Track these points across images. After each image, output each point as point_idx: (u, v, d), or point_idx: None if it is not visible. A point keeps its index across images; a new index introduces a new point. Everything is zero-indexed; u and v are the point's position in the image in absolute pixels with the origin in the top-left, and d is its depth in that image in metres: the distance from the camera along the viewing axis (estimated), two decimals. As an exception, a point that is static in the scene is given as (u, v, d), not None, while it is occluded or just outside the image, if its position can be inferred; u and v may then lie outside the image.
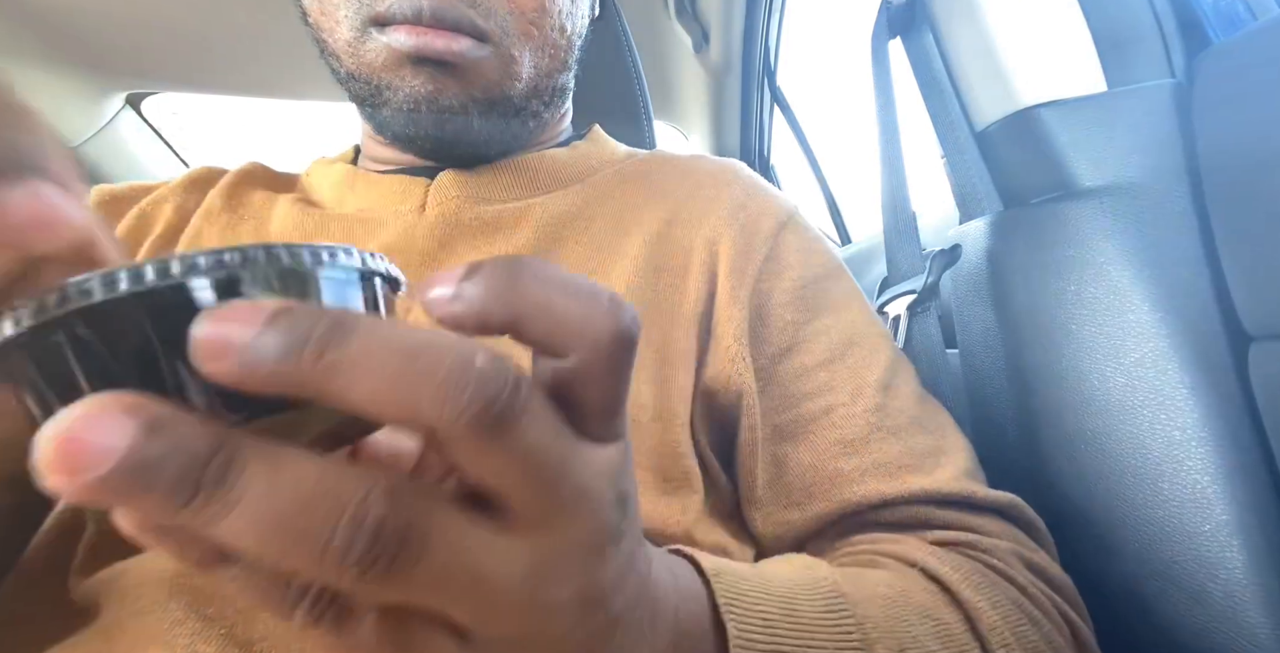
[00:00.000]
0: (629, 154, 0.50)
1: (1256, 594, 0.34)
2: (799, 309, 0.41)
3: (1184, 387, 0.37)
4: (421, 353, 0.12)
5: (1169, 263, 0.39)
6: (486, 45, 0.38)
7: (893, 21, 0.55)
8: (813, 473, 0.37)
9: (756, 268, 0.41)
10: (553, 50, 0.42)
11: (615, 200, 0.44)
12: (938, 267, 0.51)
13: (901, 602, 0.27)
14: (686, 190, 0.45)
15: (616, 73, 0.75)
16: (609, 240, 0.41)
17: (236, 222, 0.42)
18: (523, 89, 0.41)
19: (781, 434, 0.38)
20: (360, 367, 0.12)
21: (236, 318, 0.12)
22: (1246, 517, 0.35)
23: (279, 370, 0.12)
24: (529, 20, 0.40)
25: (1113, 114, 0.42)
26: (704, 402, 0.39)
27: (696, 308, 0.39)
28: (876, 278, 0.60)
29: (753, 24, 1.11)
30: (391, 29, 0.37)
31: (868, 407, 0.38)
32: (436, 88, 0.38)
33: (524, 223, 0.41)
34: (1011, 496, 0.36)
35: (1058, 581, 0.34)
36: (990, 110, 0.47)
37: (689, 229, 0.42)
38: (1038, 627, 0.30)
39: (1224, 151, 0.38)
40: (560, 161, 0.46)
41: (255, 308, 0.12)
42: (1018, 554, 0.33)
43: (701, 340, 0.39)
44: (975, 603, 0.29)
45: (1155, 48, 0.44)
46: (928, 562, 0.31)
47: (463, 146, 0.41)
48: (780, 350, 0.40)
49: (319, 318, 0.12)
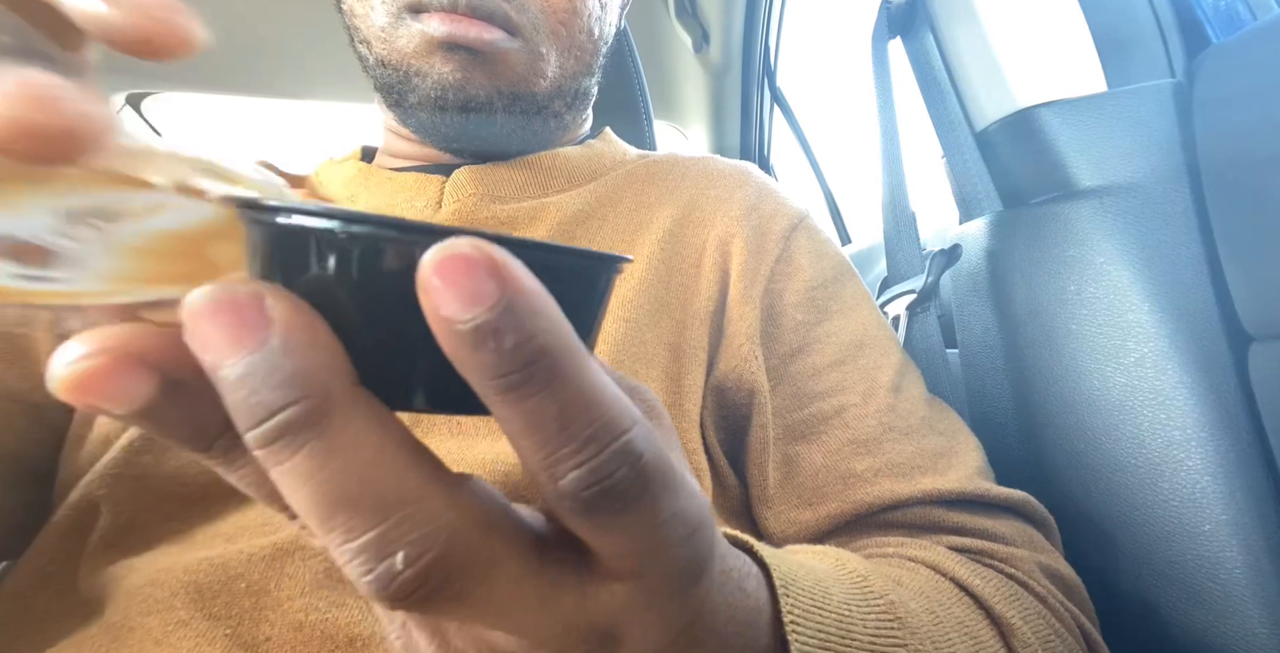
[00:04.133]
0: (641, 155, 0.51)
1: (1255, 594, 0.34)
2: (810, 311, 0.42)
3: (1184, 387, 0.37)
4: (575, 418, 0.12)
5: (1169, 263, 0.39)
6: (517, 39, 0.39)
7: (893, 22, 0.55)
8: (825, 473, 0.37)
9: (769, 269, 0.42)
10: (579, 53, 0.43)
11: (628, 200, 0.44)
12: (937, 267, 0.51)
13: (944, 616, 0.27)
14: (699, 191, 0.45)
15: (616, 73, 0.75)
16: (622, 239, 0.42)
17: None
18: (547, 87, 0.42)
19: (793, 434, 0.39)
20: (532, 408, 0.11)
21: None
22: (1246, 516, 0.35)
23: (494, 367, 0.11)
24: (559, 20, 0.40)
25: (1113, 114, 0.42)
26: (715, 399, 0.39)
27: (708, 306, 0.40)
28: (876, 278, 0.60)
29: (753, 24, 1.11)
30: (426, 16, 0.37)
31: (880, 407, 0.38)
32: (465, 76, 0.38)
33: (539, 222, 0.41)
34: (1024, 493, 0.36)
35: (1071, 585, 0.34)
36: (990, 110, 0.47)
37: (701, 229, 0.43)
38: (1061, 640, 0.30)
39: (1224, 151, 0.38)
40: (574, 161, 0.46)
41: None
42: (1037, 562, 0.34)
43: (713, 339, 0.40)
44: (1008, 619, 0.29)
45: (1155, 48, 0.44)
46: (958, 573, 0.31)
47: (484, 140, 0.42)
48: (791, 351, 0.40)
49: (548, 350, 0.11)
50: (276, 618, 0.26)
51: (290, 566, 0.28)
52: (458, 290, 0.11)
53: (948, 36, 0.49)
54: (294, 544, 0.28)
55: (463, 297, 0.11)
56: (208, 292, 0.11)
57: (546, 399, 0.11)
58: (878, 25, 0.56)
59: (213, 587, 0.27)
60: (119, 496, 0.31)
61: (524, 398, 0.11)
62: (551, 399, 0.11)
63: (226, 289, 0.11)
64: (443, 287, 0.11)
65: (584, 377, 0.12)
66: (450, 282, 0.11)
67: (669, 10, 1.13)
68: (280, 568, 0.28)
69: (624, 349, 0.36)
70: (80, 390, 0.11)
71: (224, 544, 0.29)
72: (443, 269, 0.11)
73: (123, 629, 0.26)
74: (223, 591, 0.27)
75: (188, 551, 0.29)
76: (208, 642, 0.25)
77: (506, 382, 0.11)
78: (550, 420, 0.12)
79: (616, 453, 0.12)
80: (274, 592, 0.27)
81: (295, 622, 0.26)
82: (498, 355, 0.11)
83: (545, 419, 0.12)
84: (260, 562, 0.28)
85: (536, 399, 0.11)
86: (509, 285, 0.11)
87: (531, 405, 0.11)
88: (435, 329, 0.11)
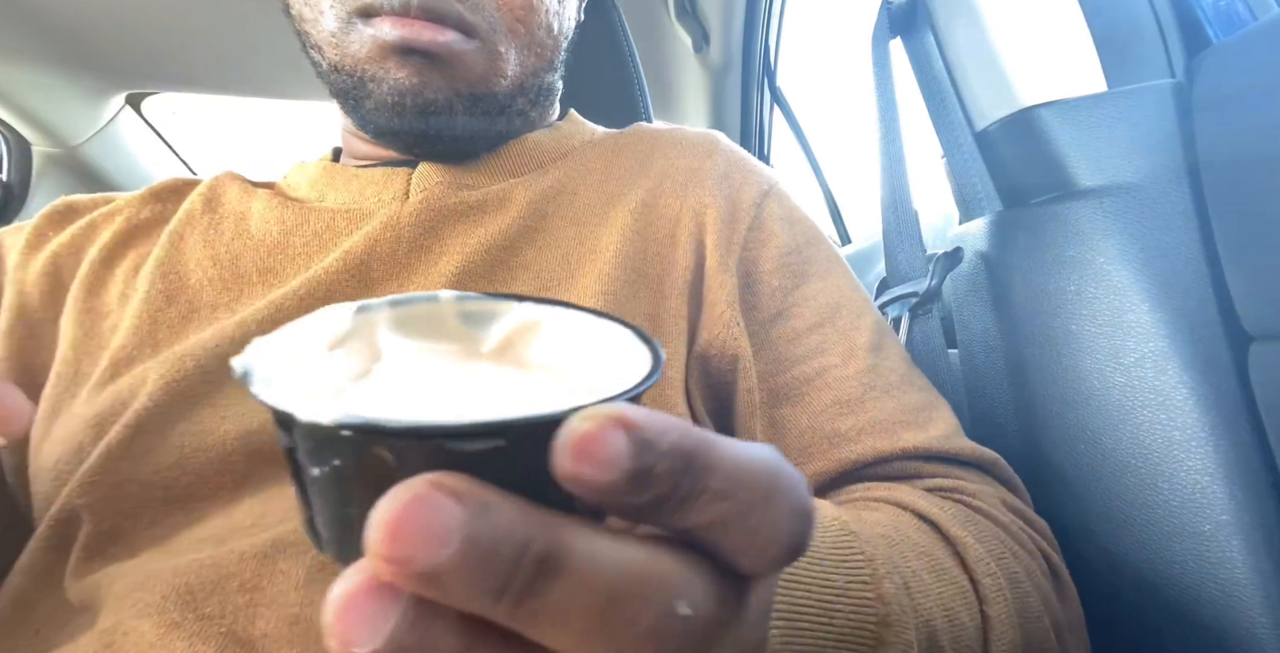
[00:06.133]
0: (608, 132, 0.51)
1: (1256, 594, 0.34)
2: (785, 276, 0.42)
3: (1184, 387, 0.37)
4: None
5: (1169, 263, 0.39)
6: (473, 40, 0.38)
7: (893, 22, 0.55)
8: (811, 434, 0.38)
9: (742, 237, 0.42)
10: (539, 49, 0.42)
11: (597, 173, 0.44)
12: (940, 270, 0.51)
13: (900, 540, 0.29)
14: (668, 162, 0.46)
15: (616, 73, 0.75)
16: (595, 213, 0.42)
17: (217, 221, 0.41)
18: (508, 86, 0.41)
19: (777, 397, 0.39)
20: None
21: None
22: (1246, 516, 0.35)
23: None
24: (516, 17, 0.40)
25: (1113, 114, 0.42)
26: (699, 367, 0.39)
27: (686, 276, 0.40)
28: (876, 278, 0.60)
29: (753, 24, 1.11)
30: (378, 20, 0.37)
31: (860, 367, 0.39)
32: (422, 81, 0.38)
33: (509, 203, 0.41)
34: (995, 454, 0.38)
35: (1035, 521, 0.36)
36: (990, 110, 0.47)
37: (674, 199, 0.43)
38: (1018, 559, 0.32)
39: (1224, 151, 0.38)
40: (541, 143, 0.46)
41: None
42: (999, 498, 0.36)
43: (692, 309, 0.40)
44: (962, 538, 0.30)
45: (1155, 48, 0.44)
46: (917, 504, 0.32)
47: (445, 142, 0.41)
48: (770, 317, 0.41)
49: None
50: (271, 614, 0.26)
51: (282, 562, 0.28)
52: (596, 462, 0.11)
53: (948, 36, 0.49)
54: (285, 541, 0.28)
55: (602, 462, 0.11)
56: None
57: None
58: (878, 25, 0.56)
59: (204, 587, 0.27)
60: (99, 503, 0.30)
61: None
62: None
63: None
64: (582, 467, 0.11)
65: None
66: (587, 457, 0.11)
67: (669, 10, 1.13)
68: (272, 565, 0.27)
69: None
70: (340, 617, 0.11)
71: (214, 547, 0.29)
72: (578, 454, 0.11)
73: (116, 634, 0.26)
74: (215, 590, 0.27)
75: (175, 554, 0.29)
76: (202, 641, 0.25)
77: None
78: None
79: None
80: (267, 589, 0.27)
81: (290, 617, 0.26)
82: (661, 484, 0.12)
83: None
84: (251, 560, 0.28)
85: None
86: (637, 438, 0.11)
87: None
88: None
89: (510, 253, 0.39)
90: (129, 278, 0.39)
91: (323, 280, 0.36)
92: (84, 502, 0.30)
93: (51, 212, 0.43)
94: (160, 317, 0.36)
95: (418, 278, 0.37)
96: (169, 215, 0.43)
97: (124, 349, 0.35)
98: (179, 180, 0.46)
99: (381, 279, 0.37)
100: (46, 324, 0.39)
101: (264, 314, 0.35)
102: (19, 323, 0.38)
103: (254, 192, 0.43)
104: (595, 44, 0.67)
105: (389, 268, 0.37)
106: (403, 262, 0.38)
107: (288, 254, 0.39)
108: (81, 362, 0.36)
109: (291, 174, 0.47)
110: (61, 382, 0.36)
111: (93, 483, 0.30)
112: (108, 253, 0.41)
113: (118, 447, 0.31)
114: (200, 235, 0.40)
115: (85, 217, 0.43)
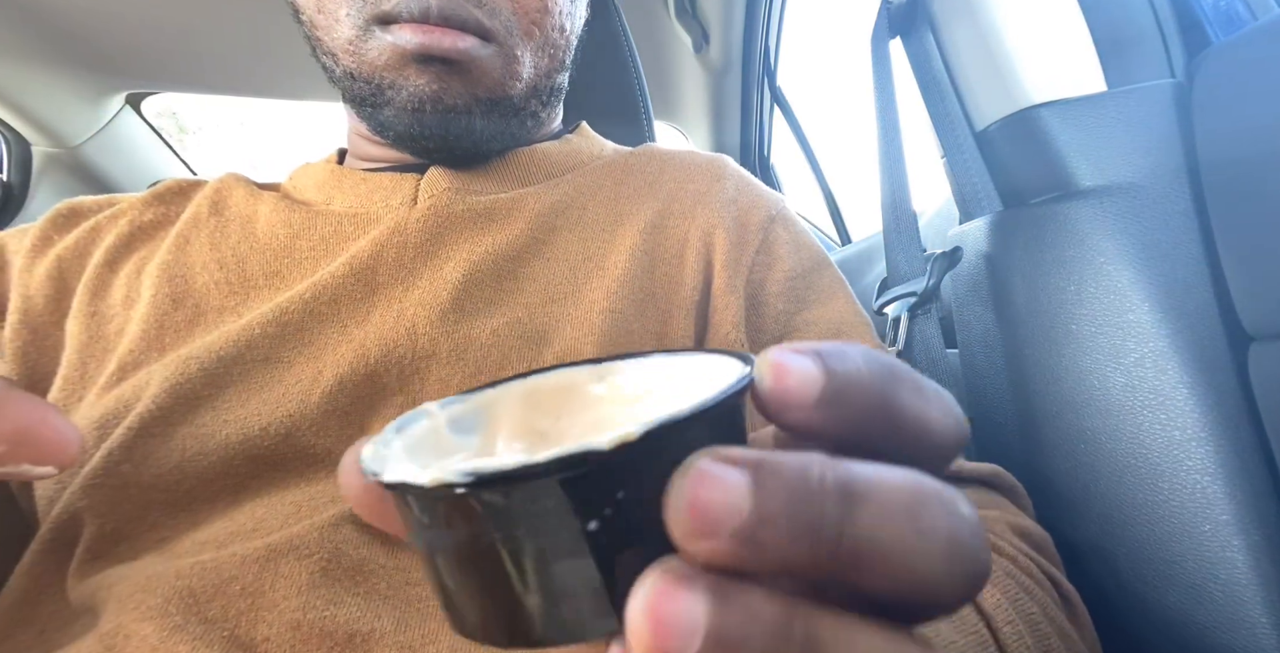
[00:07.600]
0: (617, 149, 0.51)
1: (1257, 594, 0.34)
2: (790, 300, 0.43)
3: (1184, 387, 0.37)
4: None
5: (1169, 263, 0.39)
6: (491, 45, 0.39)
7: (893, 21, 0.55)
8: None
9: (750, 259, 0.43)
10: (552, 50, 0.43)
11: (607, 191, 0.45)
12: (939, 270, 0.51)
13: None
14: (678, 185, 0.46)
15: (616, 73, 0.75)
16: (603, 229, 0.42)
17: (224, 224, 0.41)
18: (523, 89, 0.42)
19: None
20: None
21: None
22: (1246, 516, 0.35)
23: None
24: (532, 20, 0.40)
25: (1113, 114, 0.42)
26: None
27: (693, 296, 0.40)
28: (876, 278, 0.60)
29: (753, 24, 1.11)
30: (397, 27, 0.36)
31: None
32: (441, 87, 0.38)
33: (517, 213, 0.41)
34: (993, 466, 0.38)
35: (1041, 542, 0.36)
36: (990, 110, 0.47)
37: (683, 220, 0.43)
38: (1032, 597, 0.31)
39: (1224, 151, 0.38)
40: (551, 154, 0.46)
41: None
42: (1006, 522, 0.35)
43: (699, 329, 0.40)
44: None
45: (1155, 48, 0.44)
46: None
47: (463, 146, 0.41)
48: (774, 339, 0.41)
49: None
50: (273, 618, 0.26)
51: (284, 566, 0.28)
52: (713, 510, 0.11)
53: (948, 36, 0.49)
54: (287, 545, 0.28)
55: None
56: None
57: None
58: (878, 25, 0.56)
59: (206, 591, 0.27)
60: (100, 506, 0.30)
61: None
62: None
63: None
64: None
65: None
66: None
67: (669, 10, 1.13)
68: (275, 569, 0.27)
69: (610, 340, 0.36)
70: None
71: (215, 550, 0.29)
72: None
73: (118, 637, 0.26)
74: (217, 594, 0.27)
75: (177, 557, 0.29)
76: (205, 645, 0.25)
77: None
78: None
79: None
80: (269, 592, 0.27)
81: (293, 621, 0.26)
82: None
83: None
84: (254, 563, 0.27)
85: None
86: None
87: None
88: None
89: (517, 263, 0.39)
90: (132, 281, 0.39)
91: (328, 285, 0.36)
92: (86, 504, 0.30)
93: (55, 215, 0.43)
94: (166, 320, 0.36)
95: (423, 283, 0.37)
96: (173, 217, 0.43)
97: (130, 353, 0.35)
98: (182, 181, 0.46)
99: (387, 284, 0.37)
100: (51, 328, 0.39)
101: (269, 318, 0.35)
102: (24, 327, 0.38)
103: (260, 195, 0.43)
104: (595, 44, 0.67)
105: (395, 273, 0.37)
106: (409, 267, 0.38)
107: (294, 258, 0.39)
108: (88, 365, 0.36)
109: (297, 176, 0.46)
110: (68, 385, 0.36)
111: (95, 485, 0.30)
112: (111, 256, 0.41)
113: (120, 449, 0.31)
114: (207, 238, 0.40)
115: (89, 219, 0.43)
